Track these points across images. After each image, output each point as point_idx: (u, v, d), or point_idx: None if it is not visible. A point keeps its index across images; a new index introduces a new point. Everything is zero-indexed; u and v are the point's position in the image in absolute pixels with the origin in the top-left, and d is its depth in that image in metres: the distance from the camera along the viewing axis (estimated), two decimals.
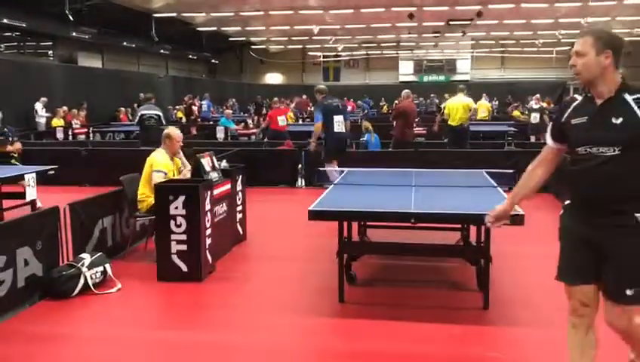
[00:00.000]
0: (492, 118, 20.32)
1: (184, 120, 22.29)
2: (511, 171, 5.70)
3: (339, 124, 8.92)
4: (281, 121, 14.04)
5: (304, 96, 27.76)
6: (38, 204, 7.43)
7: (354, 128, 16.01)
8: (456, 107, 11.74)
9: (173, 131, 6.32)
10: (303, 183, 10.88)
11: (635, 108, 2.66)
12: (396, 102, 18.12)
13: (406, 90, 12.11)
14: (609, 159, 2.67)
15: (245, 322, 4.48)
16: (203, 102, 24.01)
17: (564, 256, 2.92)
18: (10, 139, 8.91)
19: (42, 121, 17.80)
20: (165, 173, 6.01)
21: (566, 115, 2.88)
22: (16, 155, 8.81)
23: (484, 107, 18.58)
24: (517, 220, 3.84)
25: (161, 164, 6.02)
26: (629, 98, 2.69)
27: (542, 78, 38.34)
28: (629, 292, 2.67)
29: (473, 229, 5.48)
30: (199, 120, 21.77)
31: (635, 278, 2.68)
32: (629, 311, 2.70)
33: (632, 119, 2.65)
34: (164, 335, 4.25)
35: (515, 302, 4.78)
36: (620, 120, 2.67)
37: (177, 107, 24.25)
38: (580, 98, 2.93)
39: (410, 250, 5.21)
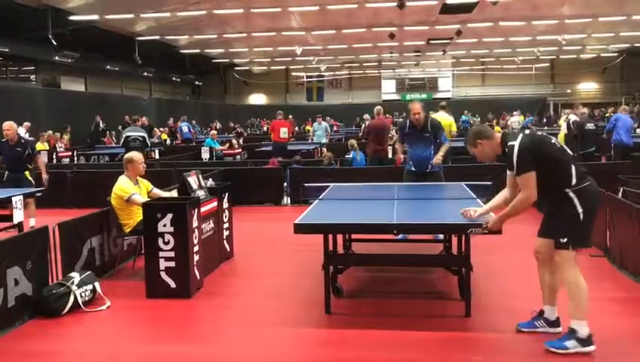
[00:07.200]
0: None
1: (168, 142, 22.35)
2: (489, 183, 5.89)
3: None
4: (283, 133, 14.17)
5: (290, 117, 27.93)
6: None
7: (339, 146, 16.24)
8: None
9: (134, 155, 6.39)
10: (289, 201, 10.98)
11: None
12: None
13: (377, 107, 12.05)
14: None
15: (233, 335, 4.57)
16: (183, 124, 23.13)
17: None
18: None
19: None
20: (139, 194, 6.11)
21: None
22: None
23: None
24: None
25: (130, 188, 6.11)
26: None
27: (522, 94, 38.99)
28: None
29: (454, 242, 5.63)
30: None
31: None
32: None
33: None
34: (154, 350, 4.32)
35: (495, 308, 4.92)
36: None
37: (162, 129, 24.29)
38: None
39: (394, 260, 5.35)
